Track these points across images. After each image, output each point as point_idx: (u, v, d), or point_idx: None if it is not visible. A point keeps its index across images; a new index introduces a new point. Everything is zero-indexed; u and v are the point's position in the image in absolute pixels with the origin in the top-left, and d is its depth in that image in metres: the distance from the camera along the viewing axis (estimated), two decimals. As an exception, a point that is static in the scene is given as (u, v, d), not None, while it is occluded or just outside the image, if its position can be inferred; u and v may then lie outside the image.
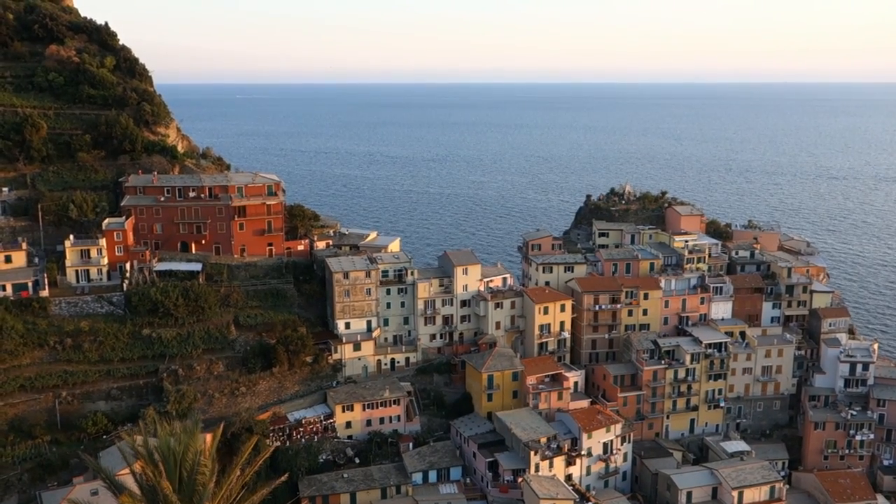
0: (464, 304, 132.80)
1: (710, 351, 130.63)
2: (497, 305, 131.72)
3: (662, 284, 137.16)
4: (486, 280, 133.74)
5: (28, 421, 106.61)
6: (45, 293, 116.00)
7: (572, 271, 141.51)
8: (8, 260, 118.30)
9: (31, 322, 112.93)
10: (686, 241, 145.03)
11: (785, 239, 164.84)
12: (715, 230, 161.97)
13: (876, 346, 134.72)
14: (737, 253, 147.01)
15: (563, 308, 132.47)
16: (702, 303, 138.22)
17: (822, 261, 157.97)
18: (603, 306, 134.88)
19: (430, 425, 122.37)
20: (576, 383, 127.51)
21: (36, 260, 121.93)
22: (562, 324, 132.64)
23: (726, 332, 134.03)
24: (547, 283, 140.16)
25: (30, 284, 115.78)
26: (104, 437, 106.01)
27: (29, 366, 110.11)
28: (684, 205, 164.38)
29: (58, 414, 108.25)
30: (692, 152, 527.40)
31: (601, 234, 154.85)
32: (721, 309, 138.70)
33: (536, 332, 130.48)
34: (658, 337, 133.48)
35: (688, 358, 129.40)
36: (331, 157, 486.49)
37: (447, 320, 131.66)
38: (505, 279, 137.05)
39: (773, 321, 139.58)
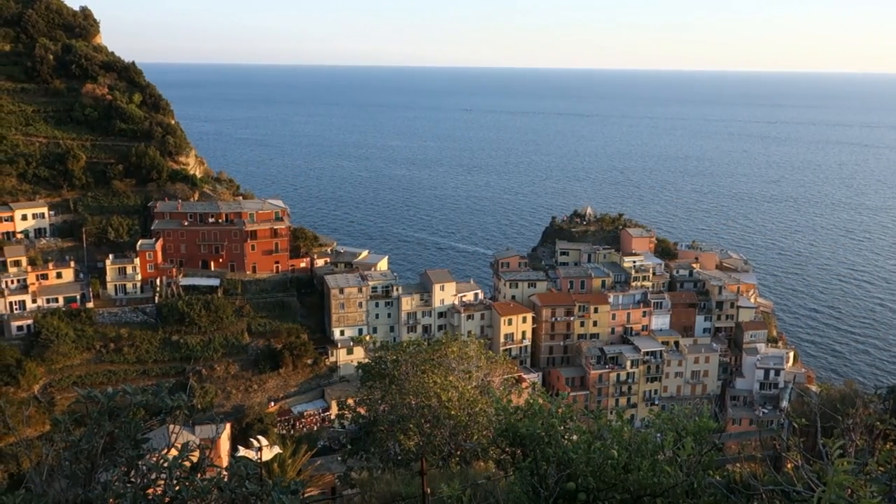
0: (441, 315, 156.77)
1: (647, 357, 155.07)
2: (469, 317, 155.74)
3: (611, 300, 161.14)
4: (460, 295, 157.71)
5: (78, 412, 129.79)
6: (90, 304, 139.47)
7: (535, 287, 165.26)
8: (59, 276, 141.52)
9: (80, 329, 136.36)
10: (633, 262, 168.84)
11: (724, 257, 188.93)
12: (664, 249, 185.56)
13: (792, 353, 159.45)
14: (677, 272, 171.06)
15: (524, 320, 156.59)
16: (644, 316, 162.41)
17: (753, 278, 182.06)
18: (559, 318, 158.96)
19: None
20: (534, 384, 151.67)
21: (81, 276, 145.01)
22: (524, 333, 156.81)
23: (663, 342, 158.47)
24: (513, 297, 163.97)
25: (78, 297, 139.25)
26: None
27: (79, 366, 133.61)
28: (637, 227, 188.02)
29: (107, 405, 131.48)
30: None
31: (562, 253, 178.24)
32: (660, 321, 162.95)
33: (502, 339, 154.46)
34: (605, 345, 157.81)
35: (628, 363, 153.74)
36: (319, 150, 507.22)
37: (426, 329, 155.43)
38: (476, 294, 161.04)
39: (705, 332, 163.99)
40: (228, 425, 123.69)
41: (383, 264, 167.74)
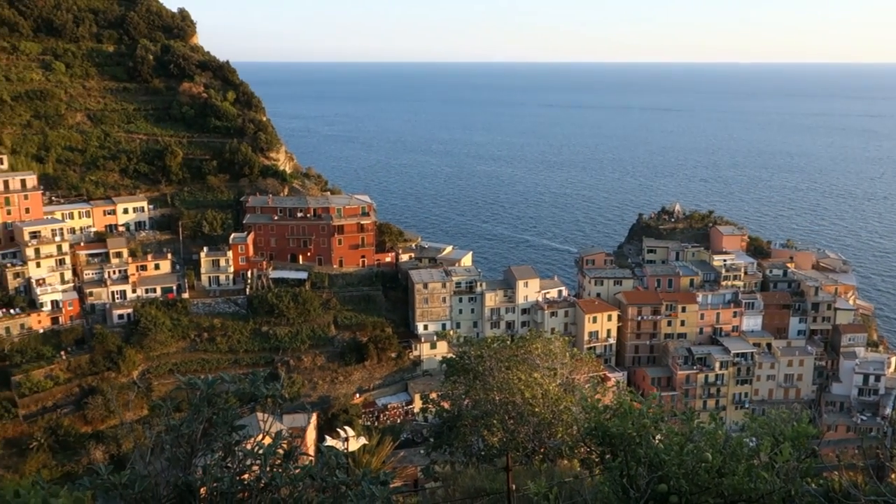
0: (524, 311, 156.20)
1: (737, 359, 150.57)
2: (552, 314, 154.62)
3: (699, 299, 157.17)
4: (543, 291, 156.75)
5: (176, 398, 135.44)
6: (185, 295, 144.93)
7: (620, 285, 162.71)
8: (157, 267, 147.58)
9: (176, 318, 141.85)
10: (724, 260, 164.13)
11: (821, 257, 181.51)
12: (756, 247, 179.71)
13: (894, 359, 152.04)
14: (771, 271, 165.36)
15: (609, 318, 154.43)
16: (734, 316, 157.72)
17: (852, 279, 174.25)
18: (645, 317, 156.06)
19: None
20: (619, 383, 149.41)
21: (177, 267, 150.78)
22: (608, 331, 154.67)
23: (754, 343, 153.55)
24: (598, 295, 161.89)
25: (174, 288, 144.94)
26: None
27: (175, 353, 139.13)
28: (728, 225, 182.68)
29: (202, 392, 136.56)
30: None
31: (649, 251, 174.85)
32: (752, 322, 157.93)
33: (586, 337, 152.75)
34: (693, 345, 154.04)
35: (717, 364, 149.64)
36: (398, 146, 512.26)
37: (509, 325, 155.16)
38: (560, 291, 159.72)
39: (799, 334, 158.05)
40: (315, 415, 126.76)
41: (467, 260, 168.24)
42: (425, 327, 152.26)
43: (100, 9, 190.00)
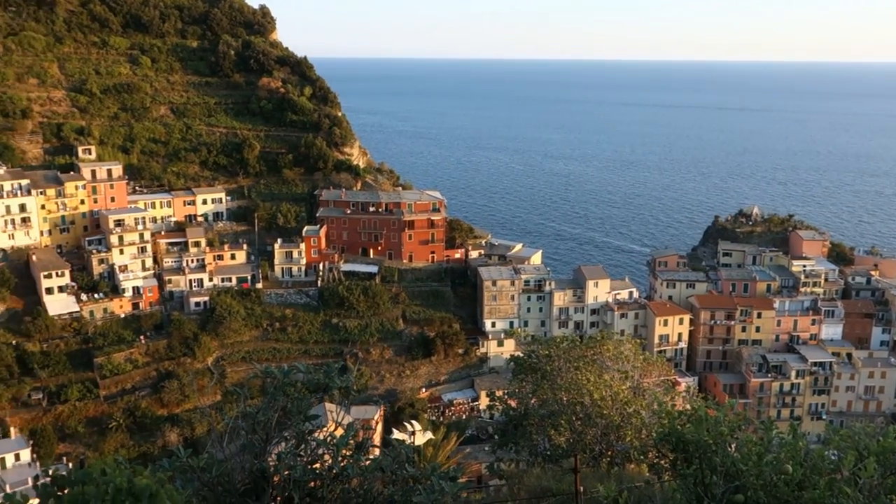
0: (593, 312, 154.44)
1: (815, 368, 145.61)
2: (622, 315, 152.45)
3: (776, 305, 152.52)
4: (614, 292, 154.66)
5: (248, 385, 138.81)
6: (259, 285, 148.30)
7: (693, 288, 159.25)
8: (233, 257, 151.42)
9: (250, 308, 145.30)
10: (803, 266, 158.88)
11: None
12: (838, 254, 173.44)
13: None
14: (853, 279, 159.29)
15: (681, 321, 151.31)
16: (813, 324, 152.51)
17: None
18: (718, 322, 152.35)
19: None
20: (689, 388, 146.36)
21: (252, 258, 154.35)
22: (679, 335, 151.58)
23: (833, 353, 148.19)
24: (670, 297, 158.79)
25: (249, 278, 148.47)
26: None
27: (248, 342, 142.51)
28: (809, 229, 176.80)
29: (264, 382, 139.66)
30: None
31: (725, 255, 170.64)
32: (831, 331, 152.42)
33: (656, 340, 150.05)
34: (768, 352, 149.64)
35: (793, 373, 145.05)
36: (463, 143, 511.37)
37: (578, 325, 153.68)
38: (631, 292, 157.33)
39: (882, 345, 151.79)
40: (381, 408, 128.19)
41: (537, 258, 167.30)
42: (493, 325, 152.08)
43: (185, 5, 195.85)
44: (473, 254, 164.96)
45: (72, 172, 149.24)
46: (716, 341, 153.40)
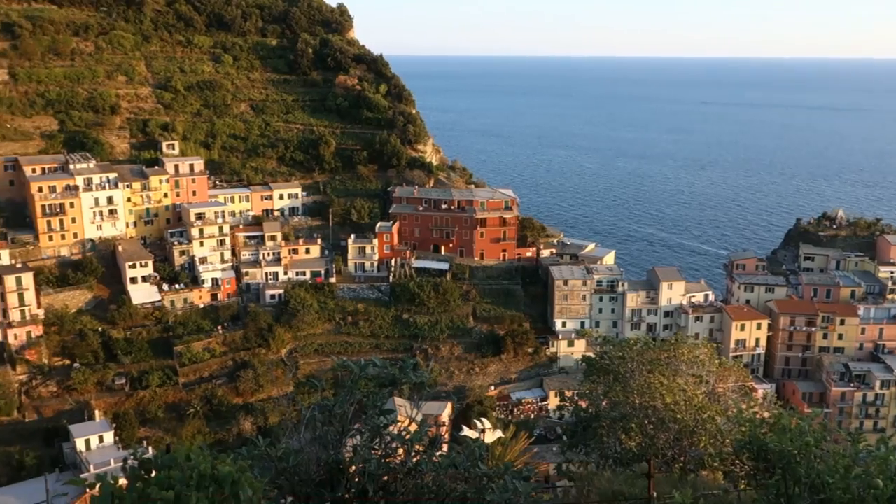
0: (667, 314, 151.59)
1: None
2: (697, 318, 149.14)
3: (861, 312, 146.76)
4: (688, 295, 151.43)
5: (319, 378, 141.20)
6: (333, 280, 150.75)
7: (773, 292, 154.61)
8: (307, 251, 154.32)
9: (323, 301, 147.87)
10: (892, 272, 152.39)
11: None
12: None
13: None
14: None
15: (759, 326, 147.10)
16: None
17: None
18: (798, 328, 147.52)
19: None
20: (766, 395, 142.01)
21: (326, 252, 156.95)
22: (757, 340, 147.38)
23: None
24: (748, 302, 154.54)
25: (322, 272, 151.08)
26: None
27: (320, 335, 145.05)
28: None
29: (340, 375, 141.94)
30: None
31: (807, 258, 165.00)
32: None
33: (732, 345, 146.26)
34: (851, 361, 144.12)
35: (878, 383, 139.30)
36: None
37: (651, 327, 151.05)
38: (706, 295, 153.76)
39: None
40: (450, 404, 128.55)
41: (610, 258, 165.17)
42: (563, 324, 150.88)
43: (265, 4, 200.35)
44: (545, 253, 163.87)
45: (156, 167, 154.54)
46: (795, 348, 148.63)
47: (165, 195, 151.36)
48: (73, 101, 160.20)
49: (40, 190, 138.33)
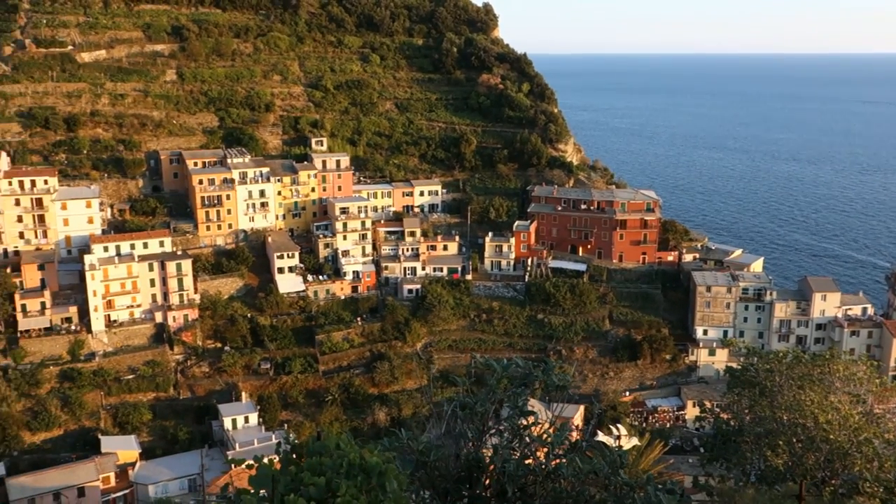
0: (819, 327, 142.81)
1: None
2: (853, 333, 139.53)
3: None
4: (844, 307, 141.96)
5: (452, 373, 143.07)
6: (469, 277, 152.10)
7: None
8: (445, 248, 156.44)
9: (459, 298, 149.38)
10: None
11: None
12: None
13: None
14: None
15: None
16: None
17: None
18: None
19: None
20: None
21: (463, 250, 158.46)
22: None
23: None
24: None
25: (459, 269, 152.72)
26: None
27: (455, 331, 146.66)
28: None
29: (472, 371, 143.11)
30: None
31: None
32: None
33: (892, 363, 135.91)
34: None
35: None
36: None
37: (800, 340, 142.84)
38: (864, 308, 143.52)
39: None
40: (582, 408, 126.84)
41: (758, 266, 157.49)
42: (705, 332, 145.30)
43: (413, 5, 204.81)
44: (688, 257, 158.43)
45: (305, 162, 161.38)
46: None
47: (313, 189, 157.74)
48: (233, 100, 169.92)
49: (200, 182, 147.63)
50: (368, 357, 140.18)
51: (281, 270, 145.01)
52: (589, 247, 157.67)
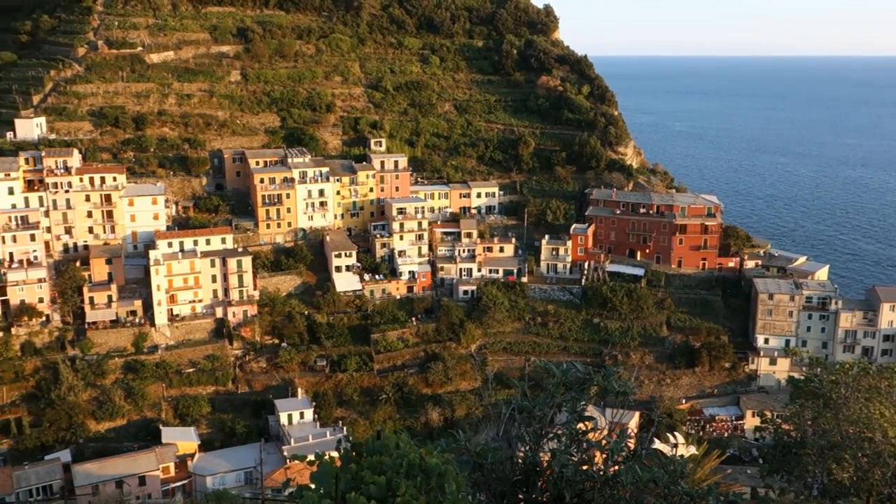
0: (887, 338, 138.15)
1: None
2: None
3: None
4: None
5: (506, 375, 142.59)
6: (524, 279, 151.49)
7: None
8: (501, 250, 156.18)
9: (514, 300, 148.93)
10: None
11: None
12: None
13: None
14: None
15: None
16: None
17: None
18: None
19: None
20: None
21: (519, 252, 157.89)
22: None
23: None
24: None
25: (515, 271, 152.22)
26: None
27: (510, 333, 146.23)
28: None
29: (527, 373, 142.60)
30: None
31: None
32: None
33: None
34: None
35: None
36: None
37: (867, 351, 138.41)
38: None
39: None
40: (637, 414, 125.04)
41: (823, 274, 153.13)
42: (766, 341, 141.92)
43: (473, 6, 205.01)
44: (749, 263, 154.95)
45: (364, 162, 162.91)
46: None
47: (371, 190, 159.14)
48: (294, 100, 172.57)
49: (262, 181, 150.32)
50: (423, 357, 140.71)
51: (338, 269, 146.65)
52: (647, 251, 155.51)
